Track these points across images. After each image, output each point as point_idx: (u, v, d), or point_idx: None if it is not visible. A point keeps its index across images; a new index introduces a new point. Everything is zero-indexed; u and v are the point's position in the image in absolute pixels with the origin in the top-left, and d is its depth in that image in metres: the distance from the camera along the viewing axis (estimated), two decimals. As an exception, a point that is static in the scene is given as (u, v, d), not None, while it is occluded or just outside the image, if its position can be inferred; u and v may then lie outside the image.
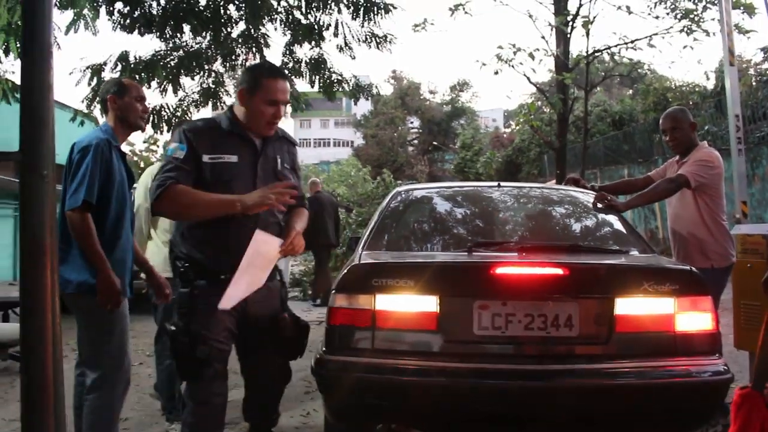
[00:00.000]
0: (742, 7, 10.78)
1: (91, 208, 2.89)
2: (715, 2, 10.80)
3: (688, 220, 4.00)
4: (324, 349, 2.92)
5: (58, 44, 7.21)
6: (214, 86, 8.87)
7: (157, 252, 4.11)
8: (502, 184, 3.98)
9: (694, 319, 2.83)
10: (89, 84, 7.78)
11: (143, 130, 3.37)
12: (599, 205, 3.67)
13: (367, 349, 2.83)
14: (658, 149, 16.40)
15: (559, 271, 2.82)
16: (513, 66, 12.19)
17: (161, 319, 4.03)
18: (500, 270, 2.83)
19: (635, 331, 2.81)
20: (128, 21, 7.68)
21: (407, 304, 2.86)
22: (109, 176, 2.97)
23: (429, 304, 2.84)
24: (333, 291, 2.95)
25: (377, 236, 3.43)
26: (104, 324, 3.00)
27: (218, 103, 8.95)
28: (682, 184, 3.92)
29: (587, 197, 3.84)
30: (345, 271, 3.03)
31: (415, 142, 48.69)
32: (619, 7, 11.81)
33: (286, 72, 8.55)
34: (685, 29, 11.45)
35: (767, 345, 1.62)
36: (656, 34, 11.90)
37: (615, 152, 19.38)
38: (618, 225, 3.59)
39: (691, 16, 11.50)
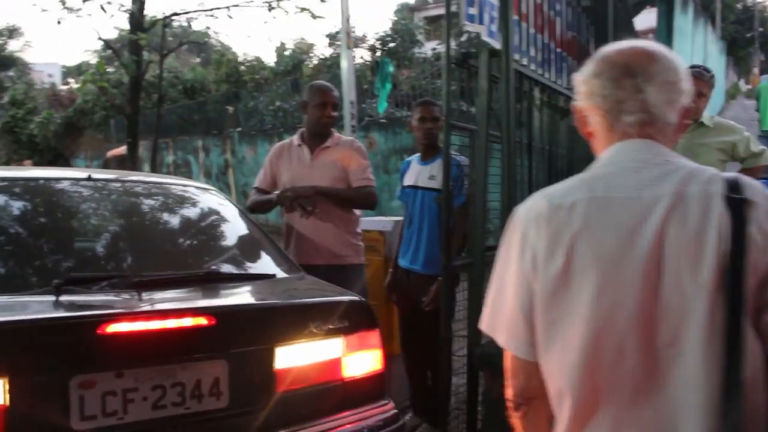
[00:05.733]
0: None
1: None
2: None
3: (334, 215, 3.48)
4: None
5: None
6: None
7: None
8: (95, 176, 2.81)
9: (361, 360, 2.30)
10: None
11: None
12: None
13: None
14: (231, 122, 16.22)
15: (199, 319, 1.97)
16: (80, 16, 10.49)
17: None
18: (110, 326, 1.85)
19: (300, 387, 2.14)
20: None
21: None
22: None
23: (-9, 392, 1.72)
24: None
25: None
26: None
27: None
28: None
29: (209, 198, 3.02)
30: None
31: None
32: (200, -29, 11.09)
33: None
34: (268, 4, 11.27)
35: None
36: (237, 5, 11.47)
37: (188, 122, 18.67)
38: (254, 235, 2.84)
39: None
